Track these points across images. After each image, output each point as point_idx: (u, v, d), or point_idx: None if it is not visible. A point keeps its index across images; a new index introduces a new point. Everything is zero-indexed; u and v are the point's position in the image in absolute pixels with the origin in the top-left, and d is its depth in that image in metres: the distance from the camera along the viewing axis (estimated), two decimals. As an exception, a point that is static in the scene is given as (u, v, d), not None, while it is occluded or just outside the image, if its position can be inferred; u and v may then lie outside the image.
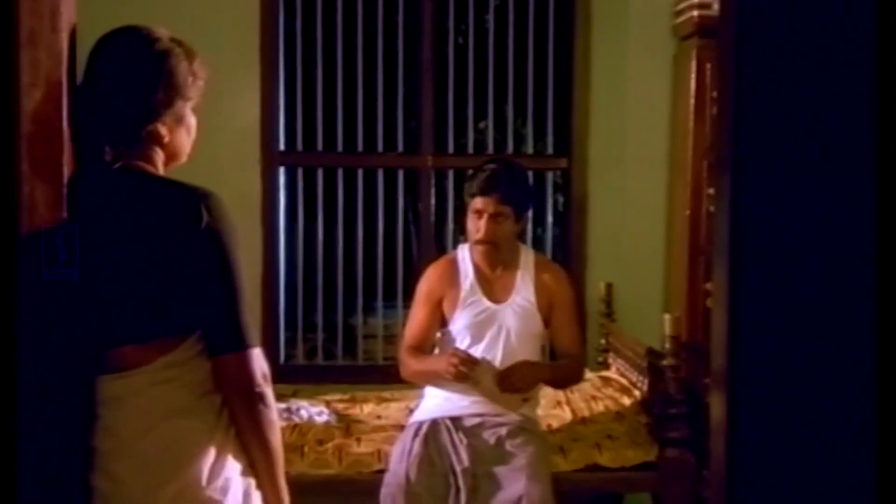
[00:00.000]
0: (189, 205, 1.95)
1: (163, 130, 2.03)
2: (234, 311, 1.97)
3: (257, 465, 2.05)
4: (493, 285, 3.70)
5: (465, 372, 3.42)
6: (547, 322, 3.70)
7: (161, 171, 2.07)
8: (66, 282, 1.92)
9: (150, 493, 1.97)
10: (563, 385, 3.91)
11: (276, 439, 2.07)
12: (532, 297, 3.67)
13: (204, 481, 1.97)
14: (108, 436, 1.99)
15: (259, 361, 2.01)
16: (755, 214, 1.83)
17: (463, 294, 3.67)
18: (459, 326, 3.66)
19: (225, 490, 1.99)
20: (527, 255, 3.77)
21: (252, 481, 2.06)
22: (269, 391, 2.03)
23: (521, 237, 3.86)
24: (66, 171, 1.94)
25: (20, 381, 1.89)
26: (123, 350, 1.98)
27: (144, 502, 1.97)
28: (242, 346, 1.98)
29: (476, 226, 3.61)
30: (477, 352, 3.59)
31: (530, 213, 4.84)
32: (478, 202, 3.58)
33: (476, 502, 3.37)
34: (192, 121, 2.11)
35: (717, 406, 1.91)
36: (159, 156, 2.06)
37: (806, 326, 1.84)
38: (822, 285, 1.83)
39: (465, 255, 3.74)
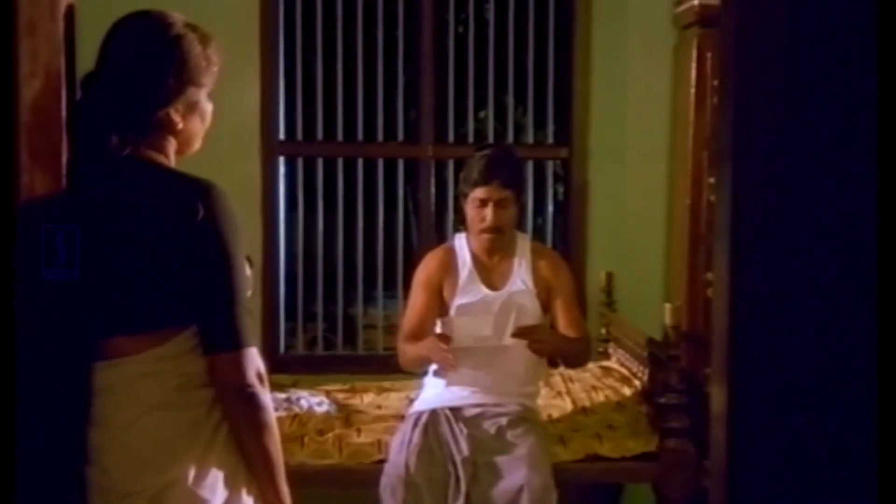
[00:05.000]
0: (186, 196, 1.92)
1: (175, 117, 1.99)
2: (230, 309, 1.93)
3: (255, 467, 2.01)
4: (490, 273, 3.71)
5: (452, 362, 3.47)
6: (546, 308, 3.71)
7: (172, 159, 2.04)
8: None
9: (135, 486, 1.94)
10: (575, 362, 3.89)
11: (272, 442, 2.00)
12: (530, 283, 3.68)
13: (191, 479, 1.94)
14: (99, 427, 1.98)
15: (254, 362, 1.96)
16: (755, 203, 1.83)
17: (461, 282, 3.68)
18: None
19: (213, 488, 1.96)
20: (523, 242, 3.79)
21: (241, 486, 2.01)
22: (263, 393, 1.98)
23: (518, 225, 3.87)
24: (65, 161, 1.94)
25: (18, 367, 1.88)
26: (116, 340, 1.96)
27: (132, 495, 1.95)
28: (236, 346, 1.93)
29: (480, 215, 3.61)
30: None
31: (527, 201, 4.87)
32: (480, 191, 3.59)
33: (476, 492, 3.37)
34: (206, 108, 2.07)
35: (717, 396, 1.91)
36: (171, 144, 2.03)
37: (806, 315, 1.84)
38: (823, 274, 1.83)
39: (462, 244, 3.76)
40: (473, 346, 3.55)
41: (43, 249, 1.90)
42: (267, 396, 1.99)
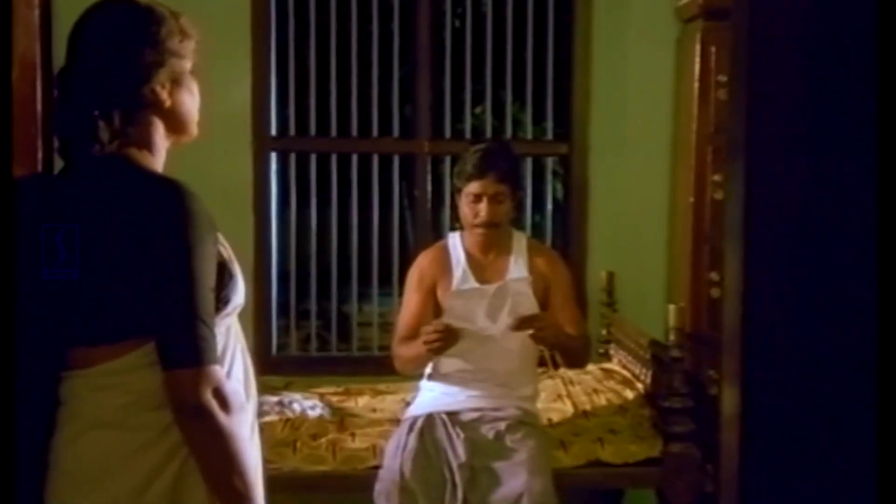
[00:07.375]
0: (148, 199, 1.80)
1: (162, 93, 1.90)
2: (188, 322, 1.77)
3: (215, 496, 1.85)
4: (486, 271, 3.63)
5: (444, 342, 3.36)
6: (543, 305, 3.62)
7: (159, 152, 1.94)
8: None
9: None
10: (575, 358, 3.73)
11: (232, 471, 1.81)
12: (526, 274, 3.60)
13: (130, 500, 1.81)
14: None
15: (212, 380, 1.78)
16: (769, 199, 1.75)
17: (455, 281, 3.60)
18: (452, 312, 3.58)
19: None
20: (519, 240, 3.72)
21: None
22: (221, 416, 1.79)
23: (515, 222, 3.80)
24: (41, 154, 1.85)
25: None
26: (77, 351, 1.85)
27: None
28: (191, 362, 1.77)
29: (474, 210, 3.54)
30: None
31: (524, 197, 4.79)
32: (475, 185, 3.52)
33: (474, 497, 3.29)
34: (193, 85, 1.98)
35: (729, 398, 1.83)
36: (159, 131, 1.93)
37: (823, 315, 1.76)
38: (841, 272, 1.75)
39: (455, 242, 3.69)
40: (467, 331, 3.43)
41: (43, 251, 1.81)
42: (228, 420, 1.81)
